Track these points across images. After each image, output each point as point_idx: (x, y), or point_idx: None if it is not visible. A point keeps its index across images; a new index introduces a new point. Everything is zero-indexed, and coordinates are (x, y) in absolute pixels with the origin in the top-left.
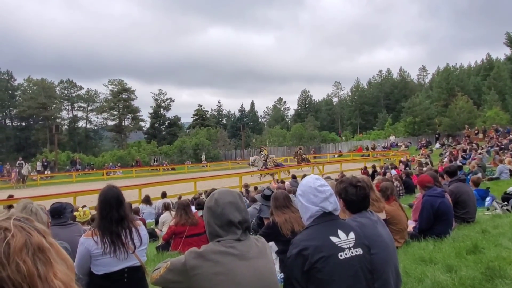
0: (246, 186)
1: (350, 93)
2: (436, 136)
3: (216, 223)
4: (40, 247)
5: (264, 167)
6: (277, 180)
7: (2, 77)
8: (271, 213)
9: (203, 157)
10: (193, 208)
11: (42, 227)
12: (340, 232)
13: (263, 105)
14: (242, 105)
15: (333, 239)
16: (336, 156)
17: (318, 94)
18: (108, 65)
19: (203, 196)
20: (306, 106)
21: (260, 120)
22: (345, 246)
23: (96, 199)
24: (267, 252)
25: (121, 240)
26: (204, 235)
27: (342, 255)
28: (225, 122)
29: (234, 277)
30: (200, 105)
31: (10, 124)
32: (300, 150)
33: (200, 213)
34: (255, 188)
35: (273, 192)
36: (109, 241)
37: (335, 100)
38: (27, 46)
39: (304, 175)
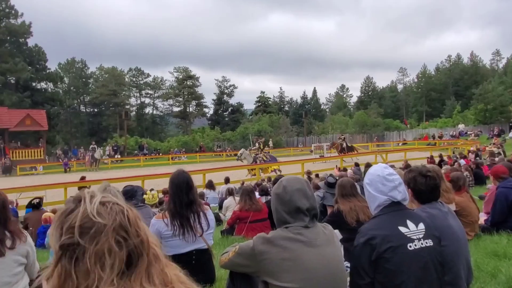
0: (309, 173)
1: (416, 80)
2: (510, 124)
3: (284, 209)
4: (139, 219)
5: (254, 161)
6: (339, 168)
7: (77, 66)
8: (336, 201)
9: (270, 143)
10: (256, 194)
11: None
12: (409, 223)
13: (325, 91)
14: (304, 92)
15: (402, 229)
16: (400, 144)
17: (382, 81)
18: (172, 52)
19: (265, 182)
20: (370, 93)
21: (322, 107)
22: (414, 237)
23: (163, 183)
24: (334, 240)
25: (189, 223)
26: (267, 220)
27: (411, 246)
28: (287, 109)
29: (301, 263)
30: (262, 92)
31: (84, 110)
32: (341, 139)
33: (263, 199)
34: (317, 175)
35: (337, 179)
36: (178, 224)
37: (399, 86)
38: (98, 36)
39: (368, 164)
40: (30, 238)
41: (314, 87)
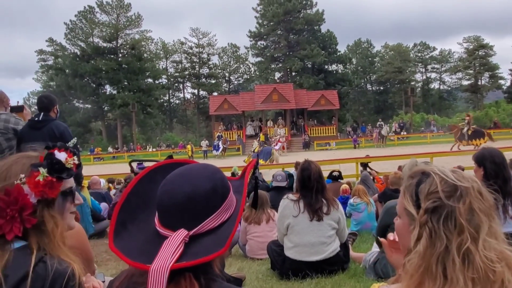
0: None
1: None
2: None
3: None
4: None
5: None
6: None
7: (363, 46)
8: None
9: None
10: None
11: None
12: None
13: None
14: None
15: None
16: None
17: None
18: (457, 22)
19: None
20: None
21: None
22: None
23: (453, 160)
24: None
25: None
26: None
27: None
28: None
29: None
30: None
31: (371, 89)
32: (466, 120)
33: None
34: None
35: None
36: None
37: None
38: (379, 16)
39: None
40: (341, 206)
41: None
